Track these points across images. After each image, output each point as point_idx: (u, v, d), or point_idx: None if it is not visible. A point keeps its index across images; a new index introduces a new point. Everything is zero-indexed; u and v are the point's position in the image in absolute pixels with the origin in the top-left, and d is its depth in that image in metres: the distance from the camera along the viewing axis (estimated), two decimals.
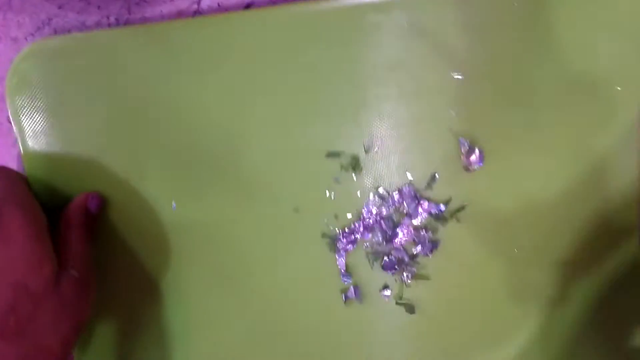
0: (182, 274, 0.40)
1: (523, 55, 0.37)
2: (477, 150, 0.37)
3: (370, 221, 0.39)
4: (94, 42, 0.38)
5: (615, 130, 0.37)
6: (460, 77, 0.37)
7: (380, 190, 0.38)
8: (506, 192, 0.38)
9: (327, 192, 0.39)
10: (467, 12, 0.36)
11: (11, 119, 0.39)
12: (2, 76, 0.41)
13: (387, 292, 0.39)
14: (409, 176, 0.38)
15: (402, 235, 0.39)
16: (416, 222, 0.39)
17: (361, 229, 0.39)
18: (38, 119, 0.39)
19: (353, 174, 0.38)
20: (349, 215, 0.39)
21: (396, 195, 0.38)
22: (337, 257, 0.39)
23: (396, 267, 0.39)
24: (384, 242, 0.39)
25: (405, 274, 0.39)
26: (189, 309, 0.41)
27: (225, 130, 0.39)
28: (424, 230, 0.38)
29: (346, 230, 0.39)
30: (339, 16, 0.37)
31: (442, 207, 0.38)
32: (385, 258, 0.39)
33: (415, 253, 0.39)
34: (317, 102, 0.38)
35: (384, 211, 0.39)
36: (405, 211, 0.38)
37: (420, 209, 0.38)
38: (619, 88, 0.36)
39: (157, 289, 0.40)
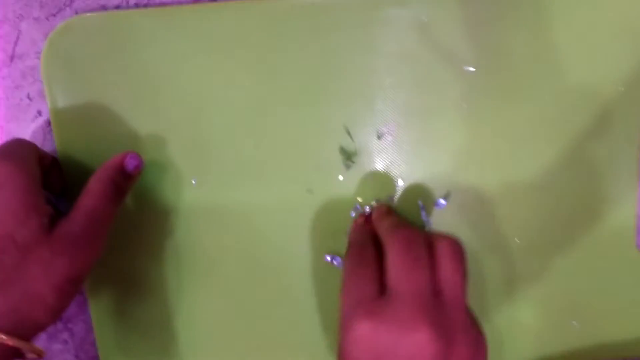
0: (194, 248, 0.41)
1: (531, 52, 0.38)
2: None
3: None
4: (127, 21, 0.39)
5: (615, 132, 0.39)
6: (472, 70, 0.38)
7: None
8: (508, 183, 0.40)
9: (340, 176, 0.40)
10: (480, 9, 0.38)
11: (45, 89, 0.40)
12: (24, 53, 0.42)
13: None
14: (419, 165, 0.40)
15: None
16: None
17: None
18: (69, 91, 0.40)
19: (365, 160, 0.40)
20: (360, 199, 0.40)
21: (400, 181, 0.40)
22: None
23: None
24: None
25: None
26: (198, 281, 0.42)
27: (244, 112, 0.40)
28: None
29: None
30: (357, 6, 0.38)
31: (443, 201, 0.40)
32: None
33: None
34: (334, 88, 0.39)
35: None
36: None
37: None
38: (622, 89, 0.38)
39: (168, 260, 0.41)
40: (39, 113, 0.42)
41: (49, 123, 0.42)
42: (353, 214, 0.40)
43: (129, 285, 0.42)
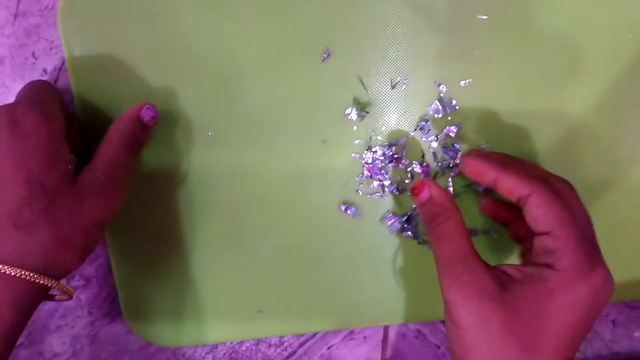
0: (209, 199, 0.41)
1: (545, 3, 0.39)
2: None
3: (396, 156, 0.40)
4: None
5: (625, 78, 0.40)
6: (485, 18, 0.39)
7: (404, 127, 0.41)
8: (519, 131, 0.41)
9: (354, 126, 0.40)
10: None
11: (62, 40, 0.39)
12: (27, 10, 0.41)
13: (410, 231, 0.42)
14: (434, 113, 0.40)
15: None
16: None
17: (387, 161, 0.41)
18: (87, 42, 0.39)
19: (379, 110, 0.40)
20: (375, 150, 0.40)
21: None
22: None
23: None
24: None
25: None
26: (214, 232, 0.42)
27: (259, 64, 0.39)
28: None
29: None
30: None
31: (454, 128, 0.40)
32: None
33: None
34: (347, 39, 0.39)
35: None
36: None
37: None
38: (630, 35, 0.39)
39: (185, 212, 0.41)
40: (45, 71, 0.42)
41: (55, 81, 0.42)
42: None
43: (148, 238, 0.42)
